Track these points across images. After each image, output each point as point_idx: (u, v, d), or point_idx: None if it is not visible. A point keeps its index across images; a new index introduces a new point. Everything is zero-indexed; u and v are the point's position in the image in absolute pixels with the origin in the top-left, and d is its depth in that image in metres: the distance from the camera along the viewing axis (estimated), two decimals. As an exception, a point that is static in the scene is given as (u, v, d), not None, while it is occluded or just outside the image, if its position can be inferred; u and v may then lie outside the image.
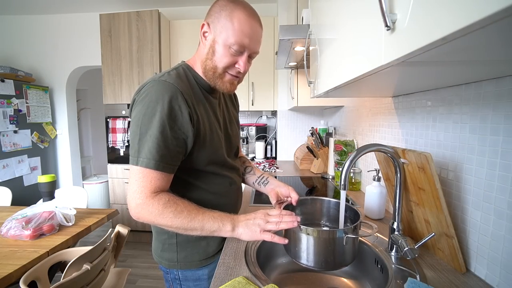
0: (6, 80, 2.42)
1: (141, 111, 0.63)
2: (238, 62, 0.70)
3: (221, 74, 0.71)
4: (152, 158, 0.62)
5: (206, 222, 0.65)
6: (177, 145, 0.65)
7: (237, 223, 0.67)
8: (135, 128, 0.64)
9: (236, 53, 0.68)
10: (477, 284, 0.58)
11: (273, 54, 2.41)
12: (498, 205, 0.55)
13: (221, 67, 0.69)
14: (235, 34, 0.65)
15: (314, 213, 0.82)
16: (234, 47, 0.67)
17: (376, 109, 1.17)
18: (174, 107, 0.63)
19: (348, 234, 0.59)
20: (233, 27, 0.65)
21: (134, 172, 0.64)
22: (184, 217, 0.63)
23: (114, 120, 2.51)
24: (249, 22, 0.66)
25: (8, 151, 2.41)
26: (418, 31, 0.32)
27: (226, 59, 0.68)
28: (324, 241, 0.61)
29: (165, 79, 0.65)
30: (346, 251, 0.62)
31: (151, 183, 0.63)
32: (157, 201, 0.63)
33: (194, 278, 0.79)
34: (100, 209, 1.55)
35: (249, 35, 0.67)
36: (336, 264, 0.64)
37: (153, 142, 0.62)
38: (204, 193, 0.76)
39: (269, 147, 2.71)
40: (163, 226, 0.66)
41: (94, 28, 2.72)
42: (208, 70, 0.71)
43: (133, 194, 0.63)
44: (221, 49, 0.67)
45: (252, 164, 1.01)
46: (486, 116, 0.58)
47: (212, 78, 0.72)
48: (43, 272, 1.04)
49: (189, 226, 0.64)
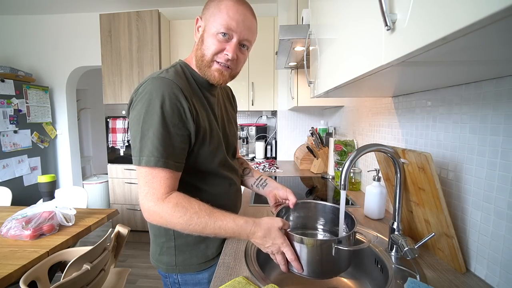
0: (6, 80, 2.42)
1: (142, 109, 0.62)
2: (226, 48, 0.68)
3: (209, 62, 0.69)
4: (160, 157, 0.61)
5: (223, 228, 0.63)
6: (181, 141, 0.64)
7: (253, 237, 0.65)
8: (136, 127, 0.62)
9: (224, 39, 0.67)
10: (477, 284, 0.58)
11: (273, 54, 2.41)
12: (498, 205, 0.55)
13: (208, 54, 0.68)
14: (221, 18, 0.66)
15: (311, 217, 0.81)
16: (221, 31, 0.66)
17: (376, 109, 1.17)
18: (176, 103, 0.63)
19: (338, 245, 0.58)
20: (220, 13, 0.66)
21: (142, 173, 0.62)
22: (201, 219, 0.62)
23: (114, 120, 2.51)
24: (236, 7, 0.66)
25: (8, 151, 2.41)
26: (418, 31, 0.32)
27: (214, 46, 0.68)
28: (316, 250, 0.61)
29: (164, 76, 0.65)
30: (340, 259, 0.61)
31: (161, 184, 0.62)
32: (170, 204, 0.61)
33: (194, 282, 0.77)
34: (100, 209, 1.55)
35: (236, 19, 0.66)
36: (328, 273, 0.63)
37: (158, 140, 0.61)
38: (204, 194, 0.75)
39: (269, 147, 2.71)
40: (178, 229, 0.64)
41: (94, 28, 2.72)
42: (198, 60, 0.71)
43: (145, 197, 0.62)
44: (209, 37, 0.68)
45: (250, 166, 1.00)
46: (486, 116, 0.58)
47: (201, 68, 0.71)
48: (43, 272, 1.04)
49: (206, 229, 0.63)
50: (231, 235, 0.64)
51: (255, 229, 0.63)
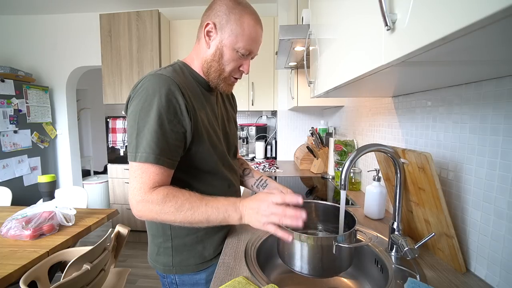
0: (6, 80, 2.41)
1: (138, 105, 0.62)
2: (242, 65, 0.74)
3: (226, 77, 0.74)
4: (151, 152, 0.60)
5: (210, 213, 0.62)
6: (176, 138, 0.64)
7: (243, 212, 0.63)
8: (132, 123, 0.63)
9: (242, 56, 0.71)
10: (477, 284, 0.58)
11: (273, 54, 2.41)
12: (498, 205, 0.55)
13: (228, 70, 0.72)
14: (244, 39, 0.69)
15: (311, 217, 0.81)
16: (242, 51, 0.70)
17: (376, 109, 1.17)
18: (172, 99, 0.63)
19: (339, 242, 0.58)
20: (243, 33, 0.68)
21: (133, 168, 0.62)
22: (187, 210, 0.61)
23: (114, 120, 2.51)
24: (256, 29, 0.70)
25: (8, 151, 2.41)
26: (418, 31, 0.32)
27: (234, 62, 0.72)
28: (317, 248, 0.60)
29: (161, 73, 0.65)
30: (342, 257, 0.61)
31: (150, 179, 0.61)
32: (155, 196, 0.61)
33: (191, 283, 0.77)
34: (100, 209, 1.55)
35: (256, 40, 0.71)
36: (329, 271, 0.63)
37: (152, 136, 0.61)
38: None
39: (269, 147, 2.71)
40: (167, 222, 0.63)
41: (94, 28, 2.72)
42: (212, 72, 0.72)
43: (133, 191, 0.62)
44: (229, 52, 0.70)
45: (251, 166, 1.00)
46: (486, 116, 0.58)
47: (216, 80, 0.74)
48: (43, 272, 1.04)
49: (193, 219, 0.62)
50: (224, 213, 0.62)
51: (246, 200, 0.64)
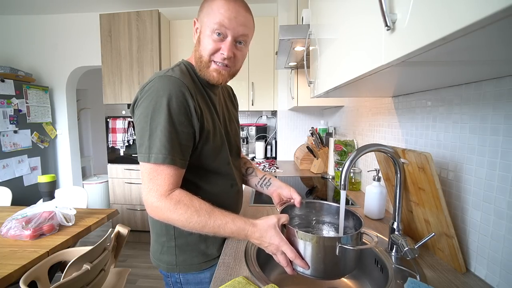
0: (6, 80, 2.41)
1: (149, 106, 0.63)
2: (221, 48, 0.69)
3: (207, 62, 0.70)
4: (167, 154, 0.62)
5: (222, 228, 0.63)
6: (187, 139, 0.66)
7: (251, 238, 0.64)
8: (144, 125, 0.63)
9: (218, 38, 0.68)
10: (477, 284, 0.58)
11: (273, 54, 2.41)
12: (498, 205, 0.55)
13: (205, 55, 0.69)
14: (214, 16, 0.66)
15: (316, 217, 0.80)
16: (216, 30, 0.67)
17: (376, 109, 1.17)
18: (182, 101, 0.64)
19: (342, 244, 0.56)
20: (212, 12, 0.66)
21: (146, 170, 0.63)
22: (201, 217, 0.63)
23: (114, 120, 2.51)
24: (227, 5, 0.66)
25: (8, 151, 2.41)
26: (418, 31, 0.32)
27: (210, 46, 0.68)
28: (319, 249, 0.59)
29: (170, 74, 0.66)
30: (346, 260, 0.59)
31: (165, 181, 0.63)
32: (173, 201, 0.62)
33: (196, 282, 0.77)
34: (100, 209, 1.55)
35: (228, 16, 0.66)
36: (332, 273, 0.62)
37: (166, 137, 0.62)
38: (205, 193, 0.74)
39: (269, 147, 2.71)
40: (178, 225, 0.65)
41: (94, 28, 2.72)
42: (196, 62, 0.72)
43: (149, 193, 0.63)
44: (205, 38, 0.69)
45: (254, 165, 1.00)
46: (486, 116, 0.58)
47: (201, 69, 0.72)
48: (43, 272, 1.04)
49: (206, 227, 0.63)
50: (230, 235, 0.64)
51: (253, 229, 0.64)
